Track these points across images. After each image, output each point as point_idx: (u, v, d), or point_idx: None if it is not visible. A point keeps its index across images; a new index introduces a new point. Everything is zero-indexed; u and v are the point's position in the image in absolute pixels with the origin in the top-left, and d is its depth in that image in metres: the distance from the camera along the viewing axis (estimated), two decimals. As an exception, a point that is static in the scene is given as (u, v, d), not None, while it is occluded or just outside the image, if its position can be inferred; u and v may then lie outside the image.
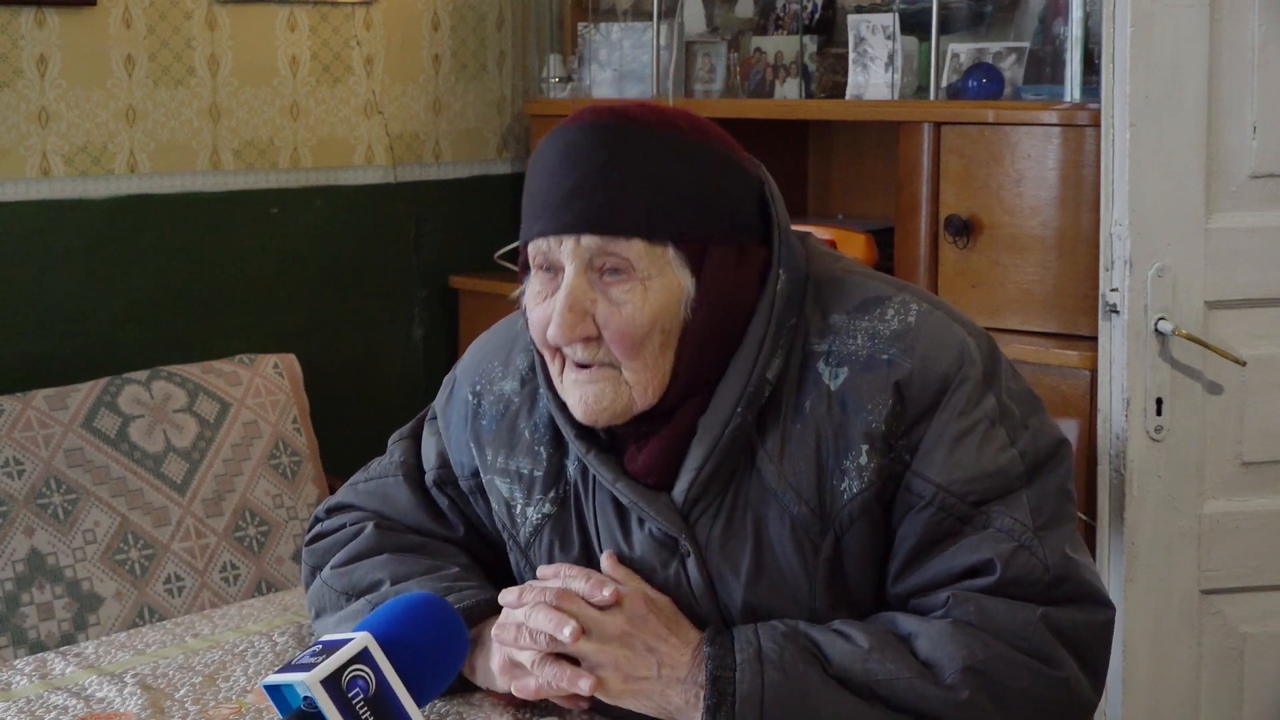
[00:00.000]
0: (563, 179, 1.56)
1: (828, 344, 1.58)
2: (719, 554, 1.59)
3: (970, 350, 1.58)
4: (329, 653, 1.24)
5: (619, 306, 1.54)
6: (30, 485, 2.96)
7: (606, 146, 1.55)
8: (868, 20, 3.28)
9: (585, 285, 1.55)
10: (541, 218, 1.59)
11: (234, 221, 3.55)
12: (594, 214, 1.53)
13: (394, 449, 1.86)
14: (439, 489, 1.79)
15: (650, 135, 1.55)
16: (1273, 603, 2.80)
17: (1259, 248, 2.72)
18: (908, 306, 1.59)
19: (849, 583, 1.58)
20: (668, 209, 1.54)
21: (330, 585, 1.76)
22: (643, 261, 1.53)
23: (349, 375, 3.75)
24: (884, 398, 1.54)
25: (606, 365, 1.56)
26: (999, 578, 1.53)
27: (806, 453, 1.56)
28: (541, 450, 1.69)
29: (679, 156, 1.55)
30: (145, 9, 3.37)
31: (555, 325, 1.55)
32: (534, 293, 1.62)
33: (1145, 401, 2.70)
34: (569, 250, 1.55)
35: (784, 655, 1.51)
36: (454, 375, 1.83)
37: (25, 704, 1.81)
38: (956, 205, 3.05)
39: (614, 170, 1.54)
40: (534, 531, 1.69)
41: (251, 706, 1.78)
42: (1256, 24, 2.68)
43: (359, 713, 1.23)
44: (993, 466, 1.54)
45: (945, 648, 1.51)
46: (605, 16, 3.89)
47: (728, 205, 1.57)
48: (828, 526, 1.56)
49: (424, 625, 1.33)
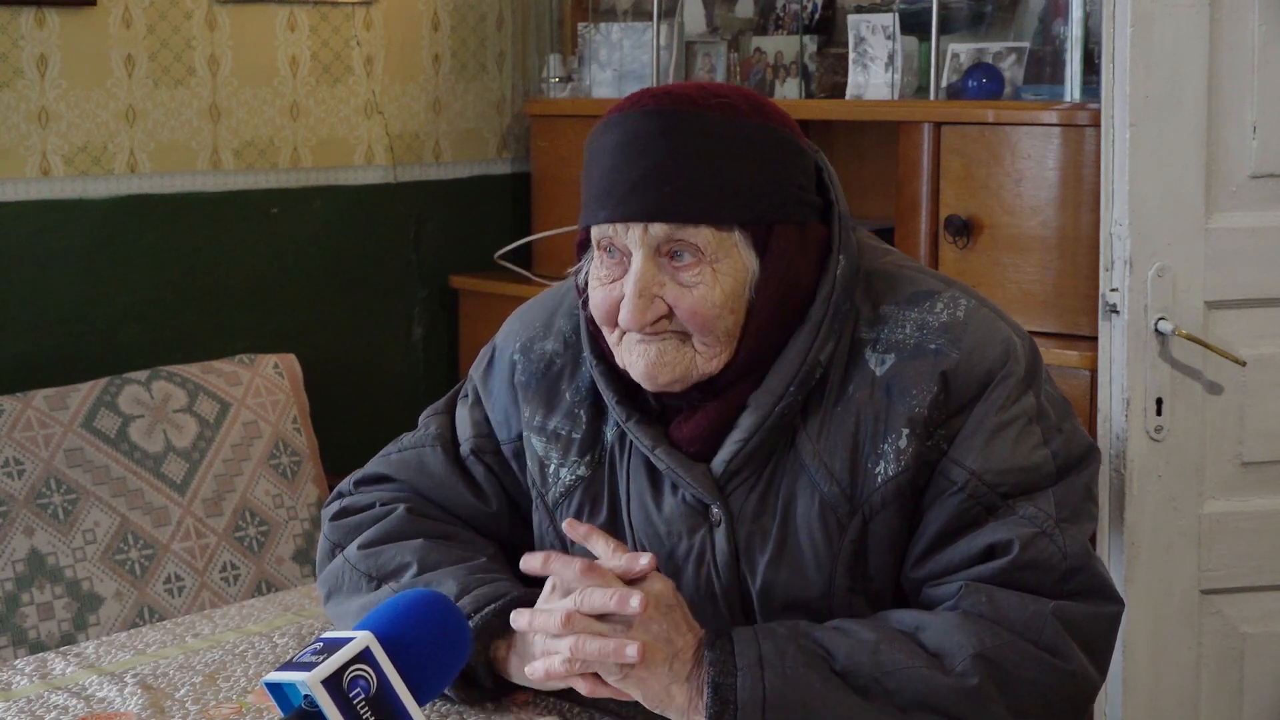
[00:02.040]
0: (628, 167, 1.58)
1: (877, 332, 1.62)
2: (749, 526, 1.62)
3: (1015, 348, 1.63)
4: (330, 651, 1.23)
5: (689, 289, 1.57)
6: (30, 485, 2.96)
7: (670, 134, 1.57)
8: (868, 20, 3.28)
9: (654, 270, 1.58)
10: (607, 205, 1.60)
11: (234, 221, 3.55)
12: (662, 203, 1.56)
13: (428, 422, 1.85)
14: (475, 457, 1.79)
15: (712, 120, 1.58)
16: (1273, 603, 2.80)
17: (1259, 248, 2.72)
18: (957, 301, 1.63)
19: (870, 567, 1.61)
20: (733, 194, 1.57)
21: (354, 565, 1.73)
22: (710, 246, 1.57)
23: (349, 375, 3.75)
24: (929, 385, 1.58)
25: (677, 332, 1.59)
26: (1016, 557, 1.55)
27: (844, 435, 1.60)
28: (581, 414, 1.71)
29: (741, 141, 1.58)
30: (145, 9, 3.37)
31: (627, 311, 1.57)
32: (597, 274, 1.63)
33: (1145, 401, 2.70)
34: (636, 237, 1.58)
35: (785, 659, 1.51)
36: (493, 344, 1.84)
37: (25, 704, 1.81)
38: (956, 205, 3.05)
39: (679, 158, 1.57)
40: (565, 492, 1.71)
41: (252, 706, 1.78)
42: (1256, 24, 2.68)
43: (360, 713, 1.23)
44: (1026, 462, 1.58)
45: (954, 636, 1.52)
46: (605, 16, 3.89)
47: (789, 184, 1.60)
48: (856, 508, 1.59)
49: (426, 624, 1.33)
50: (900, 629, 1.55)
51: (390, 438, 1.91)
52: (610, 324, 1.62)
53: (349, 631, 1.27)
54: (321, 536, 1.82)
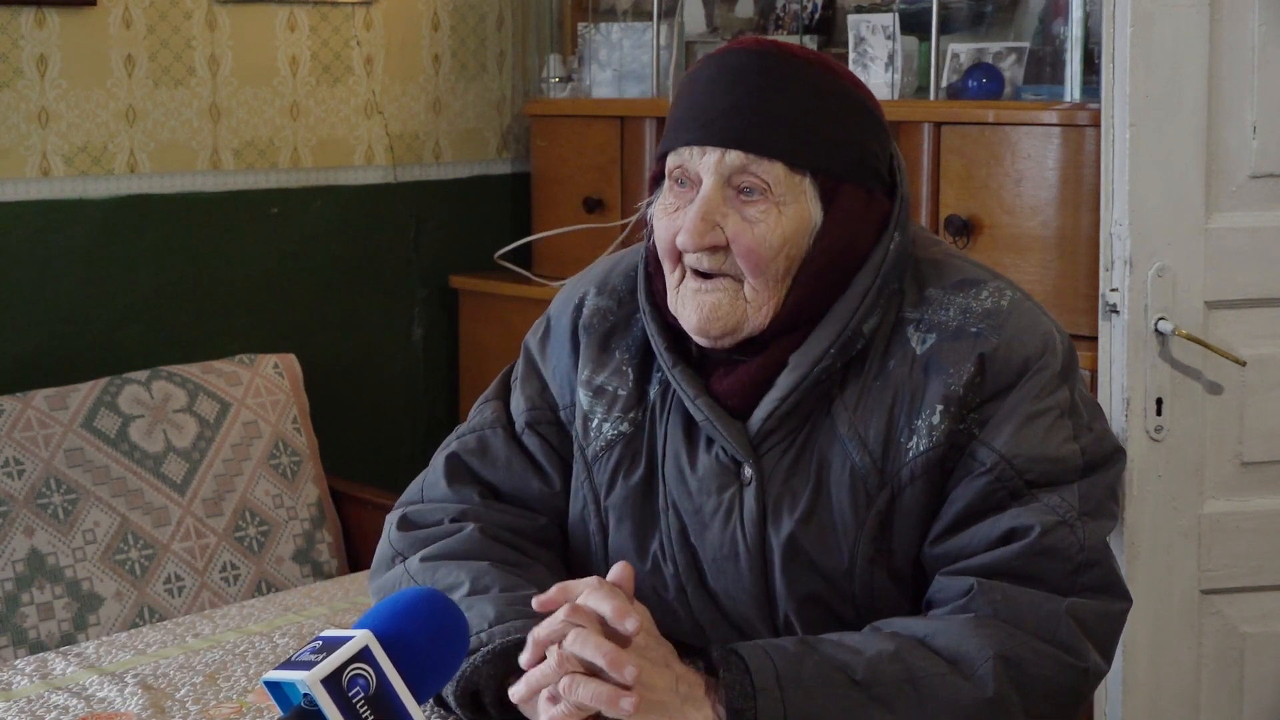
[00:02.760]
0: (718, 96, 1.61)
1: (920, 313, 1.65)
2: (779, 487, 1.63)
3: (1055, 343, 1.65)
4: (329, 650, 1.23)
5: (752, 224, 1.60)
6: (30, 485, 2.96)
7: (766, 73, 1.61)
8: (868, 20, 3.28)
9: (720, 199, 1.60)
10: (689, 129, 1.62)
11: (234, 221, 3.55)
12: (743, 131, 1.59)
13: (483, 409, 1.85)
14: (531, 430, 1.79)
15: (807, 69, 1.63)
16: (1273, 603, 2.80)
17: (1259, 248, 2.72)
18: (1002, 291, 1.66)
19: (893, 541, 1.62)
20: (813, 140, 1.61)
21: (412, 576, 1.72)
22: (780, 186, 1.60)
23: (349, 375, 3.75)
24: (967, 365, 1.60)
25: (729, 277, 1.61)
26: (1034, 542, 1.56)
27: (881, 408, 1.62)
28: (629, 371, 1.73)
29: (831, 95, 1.63)
30: (145, 9, 3.37)
31: (686, 231, 1.60)
32: (665, 205, 1.66)
33: (1145, 401, 2.70)
34: (711, 163, 1.60)
35: (802, 675, 1.50)
36: (547, 314, 1.86)
37: (25, 704, 1.81)
38: (956, 205, 3.05)
39: (769, 94, 1.60)
40: (606, 447, 1.72)
41: (252, 706, 1.78)
42: (1256, 24, 2.68)
43: (359, 712, 1.22)
44: (1055, 453, 1.60)
45: (971, 640, 1.53)
46: (605, 16, 3.89)
47: (866, 150, 1.64)
48: (886, 481, 1.61)
49: (424, 622, 1.32)
50: (911, 636, 1.55)
51: (390, 438, 1.91)
52: (670, 254, 1.64)
53: (348, 630, 1.27)
54: (384, 540, 1.80)
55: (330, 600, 2.38)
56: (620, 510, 1.71)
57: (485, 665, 1.57)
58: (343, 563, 3.29)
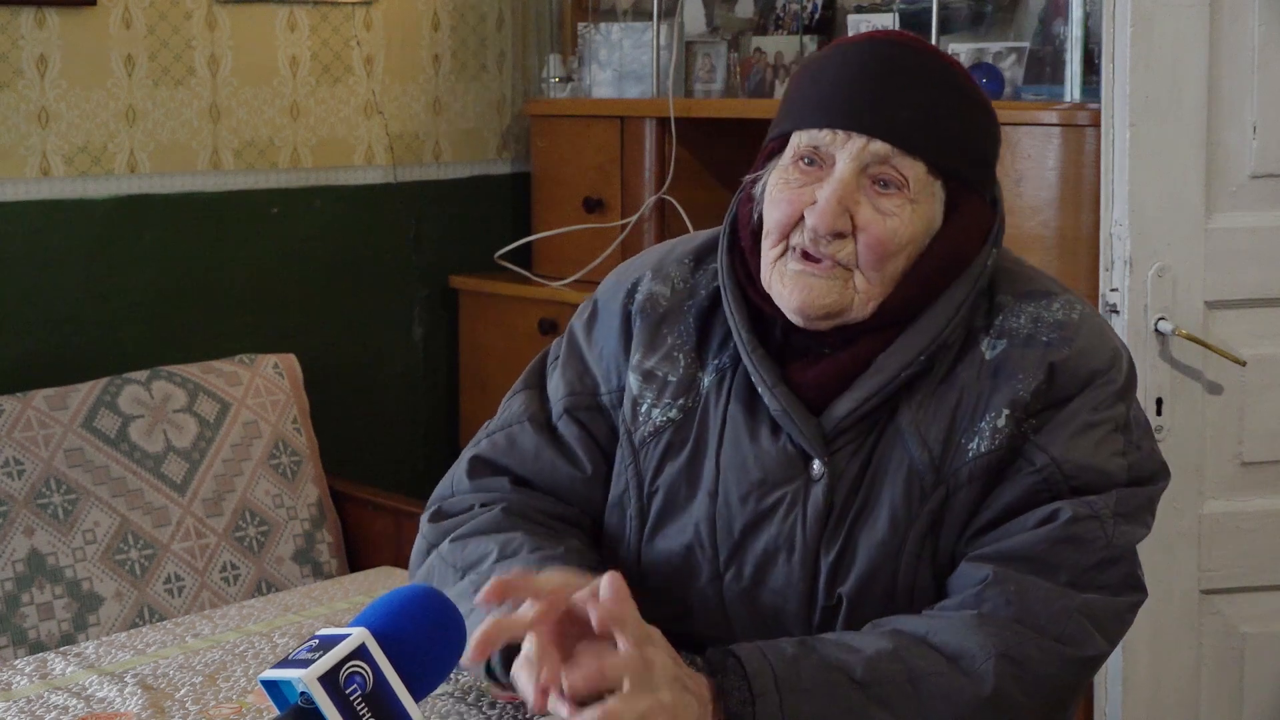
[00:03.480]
0: (867, 82, 1.61)
1: (991, 320, 1.65)
2: (847, 487, 1.63)
3: (1121, 360, 1.66)
4: (326, 648, 1.23)
5: (885, 216, 1.60)
6: (30, 485, 2.96)
7: (915, 70, 1.62)
8: (868, 20, 3.28)
9: (855, 185, 1.60)
10: (831, 110, 1.61)
11: (234, 221, 3.55)
12: (893, 124, 1.59)
13: (511, 403, 1.84)
14: (569, 416, 1.78)
15: (960, 80, 1.64)
16: (1273, 603, 2.80)
17: (1259, 248, 2.72)
18: (1073, 304, 1.67)
19: (941, 539, 1.62)
20: (956, 145, 1.62)
21: (444, 558, 1.72)
22: (918, 184, 1.60)
23: (349, 375, 3.75)
24: (1037, 372, 1.61)
25: (839, 265, 1.61)
26: (1061, 525, 1.57)
27: (945, 408, 1.62)
28: (680, 358, 1.72)
29: (973, 101, 1.65)
30: (145, 9, 3.37)
31: (820, 212, 1.58)
32: (787, 179, 1.64)
33: (1145, 401, 2.70)
34: (854, 149, 1.60)
35: (801, 677, 1.49)
36: (594, 298, 1.84)
37: (25, 704, 1.81)
38: (956, 205, 3.04)
39: (920, 90, 1.61)
40: (654, 433, 1.72)
41: (251, 706, 1.78)
42: (1256, 24, 2.68)
43: (357, 710, 1.22)
44: (1103, 465, 1.61)
45: (974, 638, 1.53)
46: (605, 16, 3.89)
47: (991, 166, 1.68)
48: (942, 480, 1.61)
49: (421, 620, 1.32)
50: (911, 634, 1.54)
51: (390, 438, 1.91)
52: (782, 229, 1.62)
53: (344, 628, 1.27)
54: (419, 537, 1.80)
55: (330, 600, 2.38)
56: (662, 499, 1.71)
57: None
58: (343, 563, 3.29)
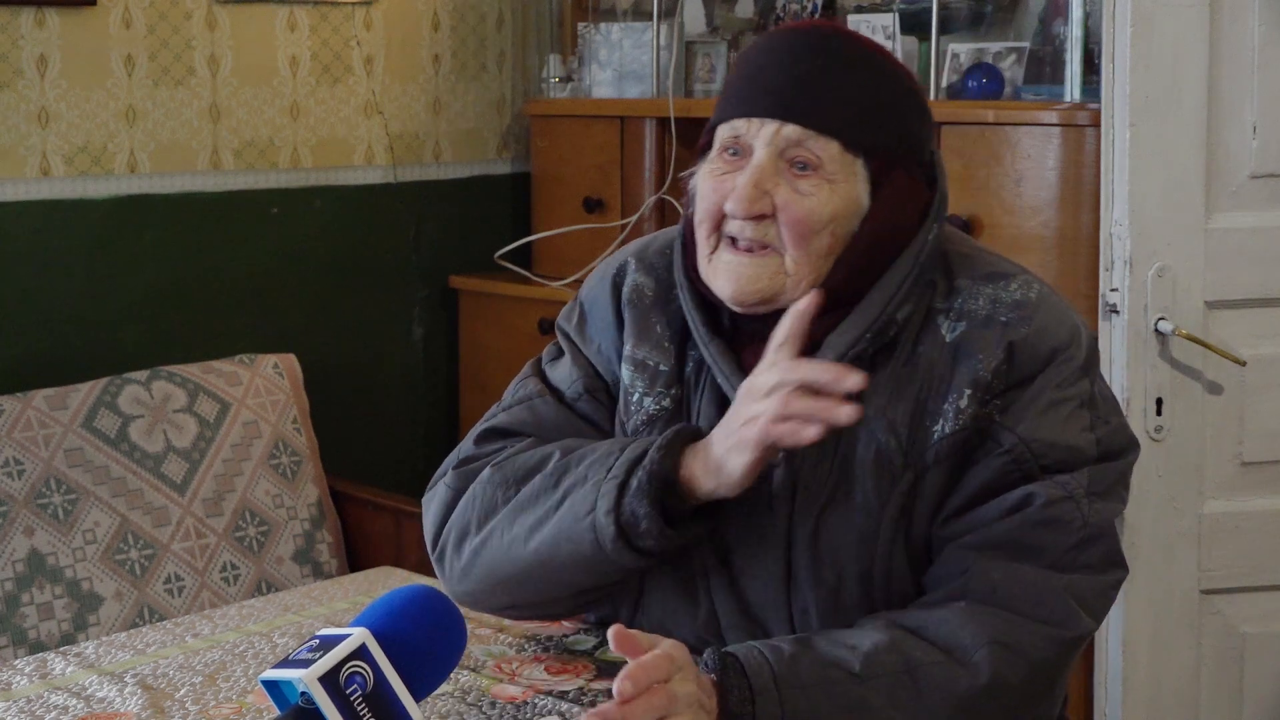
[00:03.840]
0: (778, 70, 1.63)
1: (950, 303, 1.66)
2: (807, 468, 1.64)
3: (1080, 335, 1.67)
4: (326, 648, 1.23)
5: (802, 196, 1.61)
6: (30, 485, 2.96)
7: (828, 52, 1.63)
8: (868, 20, 3.28)
9: (773, 169, 1.61)
10: (748, 100, 1.64)
11: (234, 221, 3.55)
12: (802, 105, 1.61)
13: (522, 384, 1.83)
14: (590, 395, 1.78)
15: (873, 59, 1.66)
16: (1273, 603, 2.80)
17: (1259, 248, 2.72)
18: (1030, 284, 1.68)
19: (914, 523, 1.63)
20: (871, 123, 1.63)
21: (489, 484, 1.70)
22: (833, 164, 1.61)
23: (349, 375, 3.75)
24: (996, 351, 1.62)
25: (770, 249, 1.62)
26: (1037, 510, 1.58)
27: (909, 392, 1.63)
28: (671, 347, 1.74)
29: (891, 79, 1.66)
30: (145, 9, 3.37)
31: (736, 197, 1.61)
32: (711, 170, 1.66)
33: (1145, 401, 2.70)
34: (767, 134, 1.62)
35: (799, 675, 1.50)
36: (578, 299, 1.85)
37: (25, 704, 1.81)
38: (956, 205, 3.04)
39: (830, 73, 1.62)
40: (647, 422, 1.73)
41: (252, 707, 1.78)
42: (1256, 24, 2.68)
43: (357, 710, 1.22)
44: (1072, 441, 1.62)
45: (965, 628, 1.54)
46: (605, 16, 3.89)
47: (917, 137, 1.67)
48: (910, 462, 1.62)
49: (421, 619, 1.32)
50: (904, 627, 1.55)
51: (390, 438, 1.91)
52: (711, 219, 1.65)
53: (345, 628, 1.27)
54: (442, 487, 1.77)
55: (330, 600, 2.38)
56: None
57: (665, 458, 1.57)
58: (343, 563, 3.29)
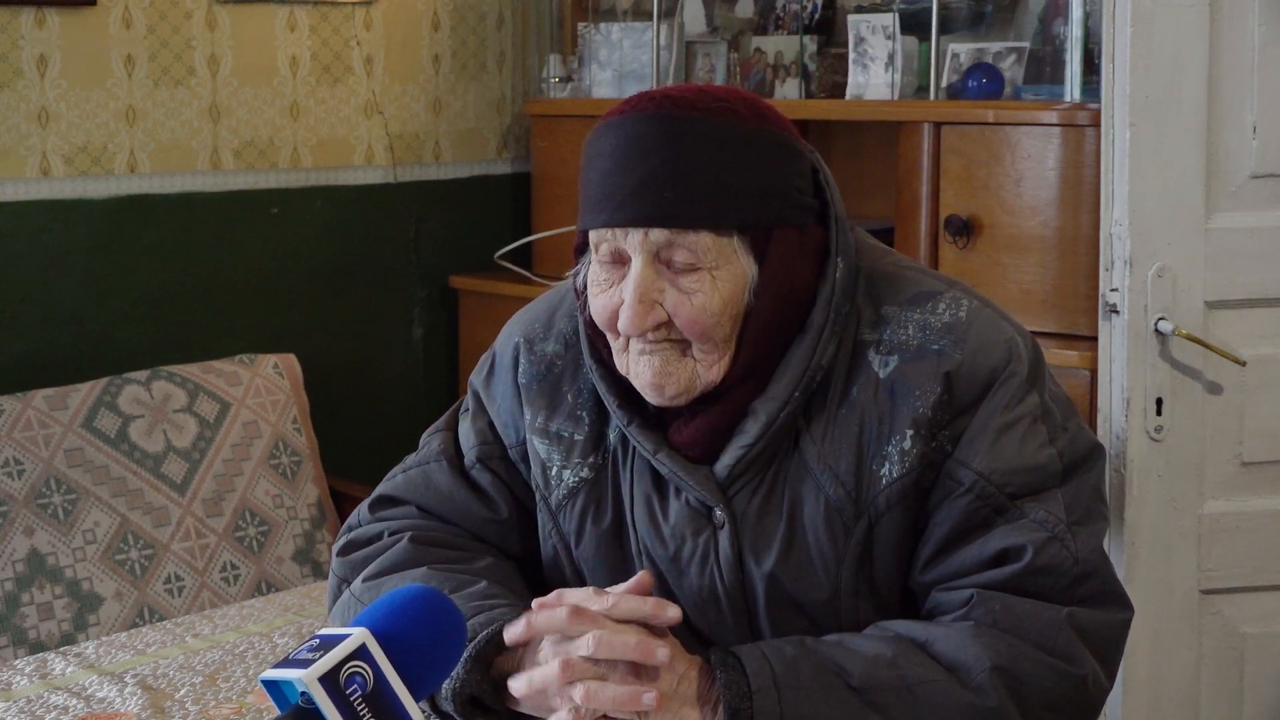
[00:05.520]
0: (628, 172, 1.56)
1: (879, 333, 1.61)
2: (753, 528, 1.61)
3: (1019, 348, 1.61)
4: (326, 648, 1.23)
5: (689, 296, 1.56)
6: (30, 485, 2.96)
7: (670, 139, 1.56)
8: (868, 20, 3.28)
9: (653, 275, 1.56)
10: (606, 209, 1.58)
11: (234, 221, 3.55)
12: (662, 208, 1.54)
13: (430, 440, 1.83)
14: (482, 465, 1.76)
15: (712, 124, 1.56)
16: (1273, 603, 2.80)
17: (1259, 248, 2.72)
18: (959, 302, 1.62)
19: (876, 570, 1.60)
20: (733, 199, 1.55)
21: (358, 599, 1.71)
22: (710, 253, 1.55)
23: (349, 375, 3.75)
24: (933, 386, 1.57)
25: (675, 342, 1.58)
26: (1028, 563, 1.54)
27: (849, 437, 1.59)
28: (584, 415, 1.70)
29: (741, 145, 1.57)
30: (145, 9, 3.37)
31: (626, 318, 1.56)
32: (596, 279, 1.61)
33: (1145, 401, 2.70)
34: (636, 242, 1.56)
35: (799, 678, 1.50)
36: (492, 350, 1.82)
37: (25, 704, 1.81)
38: (956, 205, 3.04)
39: (680, 163, 1.55)
40: (568, 495, 1.69)
41: (251, 707, 1.78)
42: (1256, 24, 2.68)
43: (357, 710, 1.22)
44: (1032, 462, 1.57)
45: (970, 649, 1.51)
46: (605, 16, 3.89)
47: (788, 188, 1.59)
48: (862, 510, 1.58)
49: (422, 619, 1.32)
50: (911, 641, 1.54)
51: (390, 438, 1.91)
52: (612, 329, 1.60)
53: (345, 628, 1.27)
54: (330, 572, 1.79)
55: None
56: (594, 559, 1.69)
57: (470, 675, 1.56)
58: (343, 563, 3.29)
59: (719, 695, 1.49)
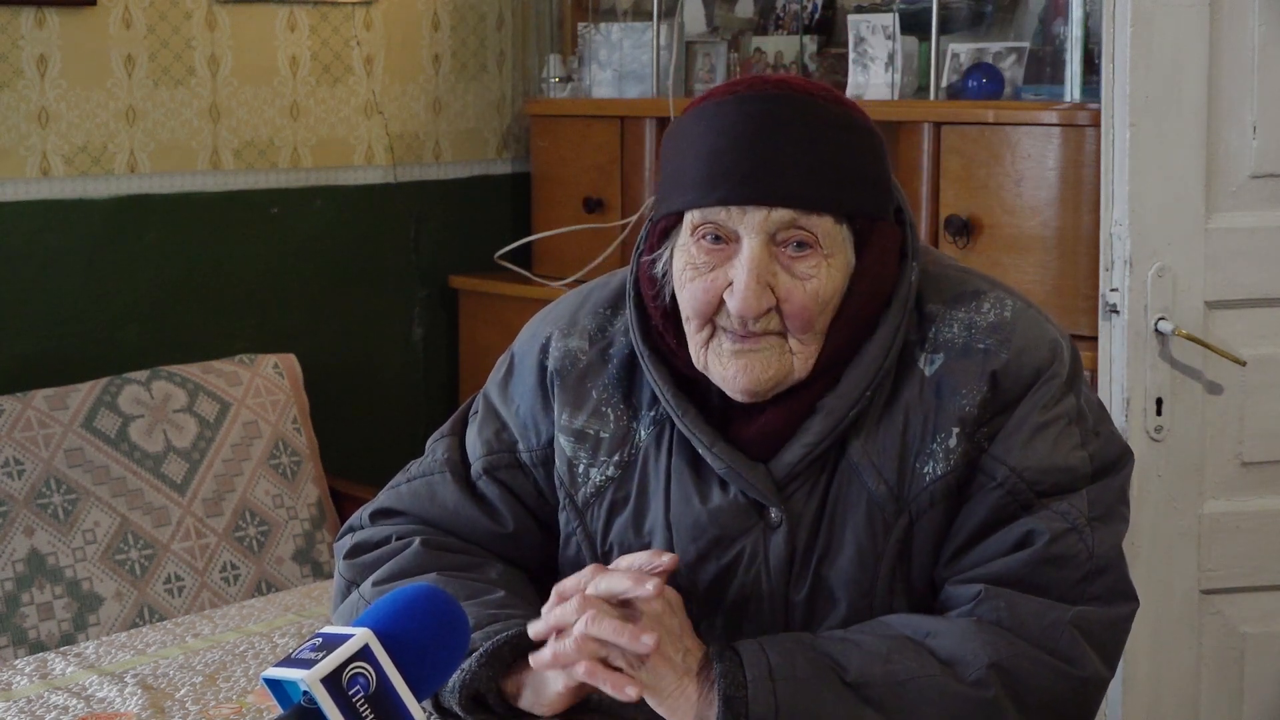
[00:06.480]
0: (745, 149, 1.53)
1: (924, 332, 1.61)
2: (807, 529, 1.59)
3: (1061, 350, 1.62)
4: (329, 648, 1.23)
5: (803, 281, 1.54)
6: (30, 485, 2.96)
7: (799, 120, 1.54)
8: (868, 20, 3.28)
9: (767, 258, 1.53)
10: (721, 187, 1.53)
11: (234, 221, 3.55)
12: (792, 187, 1.52)
13: (435, 448, 1.80)
14: (489, 476, 1.73)
15: (828, 110, 1.56)
16: (1273, 603, 2.80)
17: (1259, 248, 2.72)
18: (1003, 301, 1.62)
19: (913, 568, 1.59)
20: (853, 186, 1.55)
21: (369, 602, 1.68)
22: (828, 239, 1.54)
23: (349, 375, 3.75)
24: (979, 384, 1.57)
25: (775, 334, 1.56)
26: (1043, 549, 1.54)
27: (893, 434, 1.58)
28: (609, 412, 1.68)
29: (853, 130, 1.57)
30: (145, 9, 3.37)
31: (742, 299, 1.52)
32: (694, 263, 1.57)
33: (1145, 401, 2.70)
34: (755, 221, 1.53)
35: (795, 670, 1.49)
36: (510, 352, 1.79)
37: (25, 704, 1.81)
38: (956, 205, 3.04)
39: (804, 144, 1.53)
40: (595, 492, 1.68)
41: (252, 707, 1.78)
42: (1256, 24, 2.68)
43: (359, 711, 1.22)
44: (1064, 462, 1.58)
45: (969, 645, 1.51)
46: (605, 16, 3.89)
47: (889, 180, 1.60)
48: (903, 508, 1.58)
49: (424, 619, 1.32)
50: (911, 636, 1.54)
51: (390, 438, 1.91)
52: (703, 315, 1.57)
53: (348, 628, 1.27)
54: (336, 573, 1.77)
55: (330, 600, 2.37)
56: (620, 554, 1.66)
57: (482, 669, 1.55)
58: (343, 563, 3.29)
59: (714, 683, 1.49)
